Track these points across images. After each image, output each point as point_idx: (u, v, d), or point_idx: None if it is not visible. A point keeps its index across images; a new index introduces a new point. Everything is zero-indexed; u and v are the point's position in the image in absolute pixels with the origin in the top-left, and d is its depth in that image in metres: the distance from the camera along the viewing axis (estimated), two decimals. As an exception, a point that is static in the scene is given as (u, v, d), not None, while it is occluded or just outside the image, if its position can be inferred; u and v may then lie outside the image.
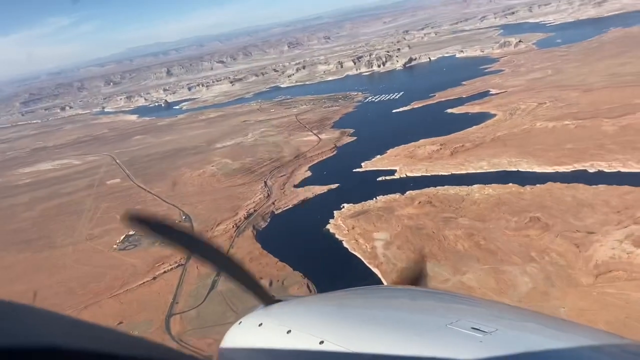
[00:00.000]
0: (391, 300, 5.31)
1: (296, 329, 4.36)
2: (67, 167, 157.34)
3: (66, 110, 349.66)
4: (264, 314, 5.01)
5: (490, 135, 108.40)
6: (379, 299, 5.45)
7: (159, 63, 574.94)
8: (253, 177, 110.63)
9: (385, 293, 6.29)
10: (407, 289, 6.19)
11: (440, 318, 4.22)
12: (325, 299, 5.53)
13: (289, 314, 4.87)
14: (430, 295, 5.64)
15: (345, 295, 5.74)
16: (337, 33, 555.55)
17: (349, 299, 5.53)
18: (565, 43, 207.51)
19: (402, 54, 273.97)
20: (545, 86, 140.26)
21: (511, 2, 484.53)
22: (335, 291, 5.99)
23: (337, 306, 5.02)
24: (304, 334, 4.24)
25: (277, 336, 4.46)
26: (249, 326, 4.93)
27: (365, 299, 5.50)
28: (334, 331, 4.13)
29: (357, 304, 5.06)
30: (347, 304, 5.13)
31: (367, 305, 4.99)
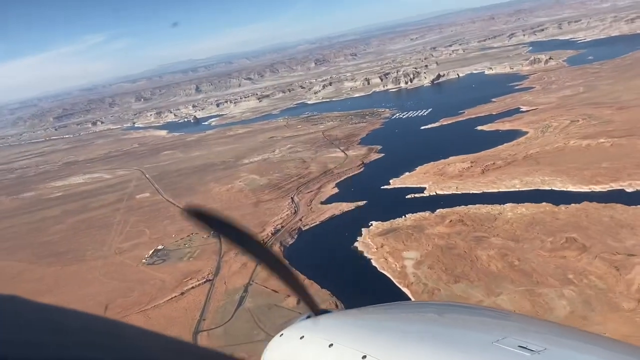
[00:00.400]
0: (435, 316, 5.17)
1: (338, 342, 4.27)
2: (98, 181, 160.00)
3: (97, 125, 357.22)
4: (305, 327, 4.97)
5: (522, 153, 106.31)
6: (422, 314, 5.33)
7: (189, 80, 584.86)
8: (280, 193, 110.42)
9: (429, 308, 6.14)
10: (450, 304, 6.73)
11: (485, 335, 4.11)
12: (367, 312, 5.45)
13: (331, 327, 4.78)
14: (475, 312, 5.52)
15: (388, 309, 5.69)
16: (363, 50, 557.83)
17: (392, 313, 5.48)
18: (597, 60, 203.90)
19: (430, 70, 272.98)
20: (578, 103, 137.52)
21: (539, 19, 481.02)
22: (378, 305, 5.95)
23: (379, 320, 4.97)
24: (347, 348, 4.14)
25: (319, 349, 4.38)
26: (290, 338, 4.88)
27: (408, 313, 5.38)
28: (376, 346, 4.04)
29: (400, 319, 5.00)
30: (390, 318, 5.11)
31: (410, 320, 4.90)
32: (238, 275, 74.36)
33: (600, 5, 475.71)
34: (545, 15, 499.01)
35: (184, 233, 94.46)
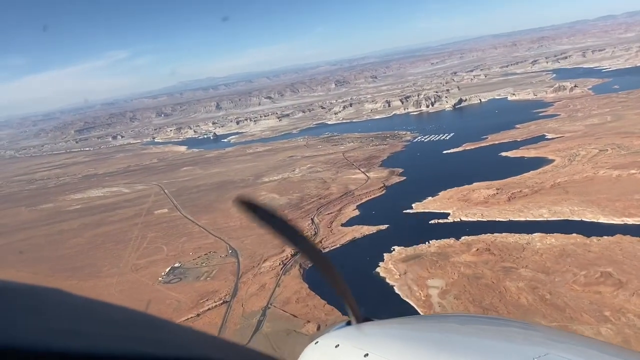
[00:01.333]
0: (475, 329, 5.02)
1: (374, 352, 4.15)
2: (117, 195, 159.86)
3: (118, 139, 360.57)
4: (341, 335, 4.82)
5: (550, 181, 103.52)
6: (462, 327, 5.16)
7: (209, 97, 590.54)
8: (300, 213, 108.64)
9: (470, 321, 5.92)
10: (491, 317, 5.81)
11: (526, 350, 4.04)
12: (404, 323, 5.35)
13: (367, 337, 4.61)
14: (516, 326, 5.27)
15: (427, 320, 5.67)
16: (383, 73, 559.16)
17: (432, 324, 5.41)
18: (623, 89, 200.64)
19: (452, 94, 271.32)
20: (606, 132, 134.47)
21: (562, 47, 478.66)
22: (416, 316, 6.21)
23: (417, 332, 4.80)
24: (383, 359, 4.05)
25: (354, 359, 4.26)
26: (325, 347, 4.72)
27: (447, 325, 5.30)
28: (414, 357, 3.96)
29: (440, 330, 4.88)
30: (428, 330, 4.96)
31: (449, 332, 4.78)
32: (256, 297, 72.42)
33: (624, 35, 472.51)
34: (568, 43, 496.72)
35: (202, 251, 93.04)
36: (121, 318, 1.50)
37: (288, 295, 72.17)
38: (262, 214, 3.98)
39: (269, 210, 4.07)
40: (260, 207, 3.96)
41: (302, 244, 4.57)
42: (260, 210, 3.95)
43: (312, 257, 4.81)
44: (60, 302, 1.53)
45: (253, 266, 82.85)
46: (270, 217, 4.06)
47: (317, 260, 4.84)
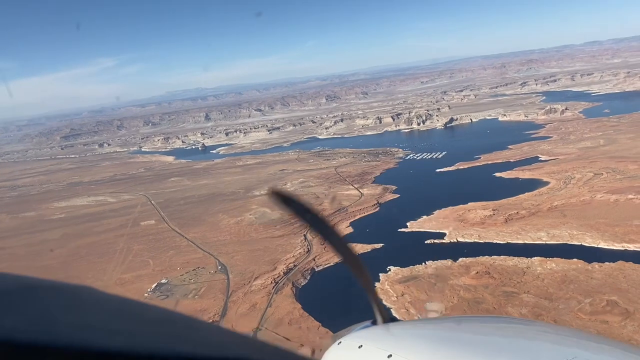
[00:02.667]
0: (500, 330, 4.91)
1: (397, 353, 4.11)
2: (102, 204, 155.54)
3: (104, 147, 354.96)
4: (364, 335, 4.76)
5: (546, 204, 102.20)
6: (487, 328, 5.02)
7: (198, 107, 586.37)
8: (292, 229, 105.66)
9: (494, 322, 5.79)
10: (518, 319, 5.81)
11: (553, 352, 4.01)
12: (429, 324, 5.30)
13: (390, 338, 4.58)
14: (541, 328, 5.25)
15: (452, 321, 5.62)
16: (374, 89, 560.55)
17: (456, 325, 5.32)
18: (614, 113, 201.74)
19: (442, 113, 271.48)
20: (600, 156, 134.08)
21: (551, 70, 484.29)
22: (440, 317, 7.51)
23: (442, 332, 4.70)
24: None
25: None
26: (348, 347, 4.69)
27: (472, 327, 5.16)
28: (437, 359, 3.94)
29: (465, 332, 4.76)
30: (454, 330, 4.89)
31: (474, 334, 4.66)
32: (246, 318, 69.40)
33: (611, 61, 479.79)
34: (556, 67, 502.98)
35: (190, 266, 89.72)
36: (155, 317, 1.48)
37: (280, 316, 69.31)
38: (295, 206, 3.97)
39: (301, 203, 4.03)
40: (293, 199, 3.93)
41: (332, 238, 4.48)
42: (292, 203, 3.94)
43: (342, 252, 4.62)
44: (95, 299, 1.52)
45: (243, 284, 79.79)
46: (303, 209, 4.05)
47: (346, 256, 4.67)
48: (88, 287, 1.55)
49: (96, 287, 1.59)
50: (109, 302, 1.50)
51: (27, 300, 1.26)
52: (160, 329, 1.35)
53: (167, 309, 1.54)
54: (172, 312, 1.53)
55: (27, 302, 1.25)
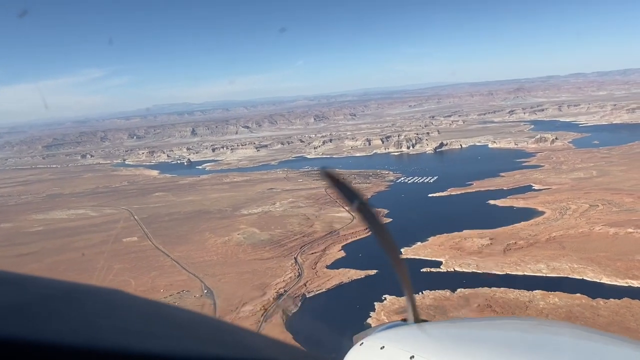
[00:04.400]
0: (528, 333, 4.59)
1: (420, 355, 3.99)
2: (82, 218, 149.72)
3: (87, 158, 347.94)
4: (387, 336, 4.62)
5: (544, 234, 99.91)
6: (516, 330, 4.79)
7: (184, 122, 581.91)
8: (282, 251, 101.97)
9: (524, 324, 5.28)
10: (551, 322, 5.14)
11: (581, 356, 3.88)
12: (455, 324, 5.11)
13: (413, 338, 4.42)
14: (573, 330, 4.82)
15: (479, 323, 5.27)
16: (362, 111, 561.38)
17: (483, 327, 4.96)
18: (603, 145, 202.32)
19: (432, 137, 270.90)
20: (593, 187, 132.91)
21: (538, 99, 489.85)
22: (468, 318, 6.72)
23: (468, 335, 4.57)
24: None
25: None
26: (370, 348, 4.53)
27: (499, 328, 4.87)
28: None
29: (490, 335, 4.48)
30: (480, 333, 4.61)
31: (500, 337, 4.44)
32: (235, 346, 64.91)
33: (596, 93, 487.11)
34: (543, 96, 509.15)
35: (174, 289, 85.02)
36: (187, 320, 1.47)
37: (271, 345, 65.00)
38: (343, 189, 3.99)
39: (350, 187, 4.05)
40: (342, 182, 3.96)
41: (376, 227, 4.48)
42: (341, 185, 3.96)
43: (384, 244, 4.58)
44: (128, 303, 1.54)
45: (231, 310, 75.40)
46: (351, 193, 4.04)
47: (389, 249, 4.67)
48: (119, 291, 1.58)
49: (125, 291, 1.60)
50: (140, 305, 1.52)
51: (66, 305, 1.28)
52: (191, 332, 1.35)
53: (196, 312, 1.55)
54: (202, 315, 1.55)
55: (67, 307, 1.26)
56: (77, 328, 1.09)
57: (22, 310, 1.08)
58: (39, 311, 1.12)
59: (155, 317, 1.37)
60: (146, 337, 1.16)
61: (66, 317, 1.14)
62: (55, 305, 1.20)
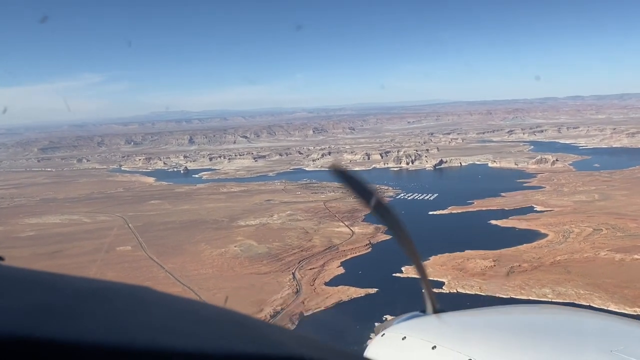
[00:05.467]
0: (548, 320, 4.83)
1: (442, 344, 4.07)
2: (76, 224, 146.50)
3: (83, 162, 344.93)
4: (408, 327, 4.74)
5: (548, 257, 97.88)
6: (534, 318, 5.03)
7: (182, 130, 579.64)
8: (280, 265, 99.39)
9: (542, 311, 5.77)
10: (564, 308, 5.37)
11: (603, 343, 3.96)
12: (474, 314, 5.25)
13: (434, 329, 4.57)
14: (591, 317, 5.09)
15: (499, 311, 5.61)
16: (360, 125, 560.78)
17: (501, 316, 5.21)
18: (604, 168, 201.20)
19: (431, 154, 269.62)
20: (596, 211, 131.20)
21: (537, 120, 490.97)
22: (486, 307, 5.96)
23: (488, 323, 4.68)
24: (451, 351, 3.98)
25: (421, 351, 4.21)
26: (392, 339, 4.70)
27: (519, 316, 5.14)
28: (484, 349, 3.88)
29: (511, 321, 4.72)
30: (499, 321, 4.80)
31: (521, 324, 4.68)
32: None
33: (595, 116, 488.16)
34: (542, 118, 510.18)
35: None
36: (216, 316, 1.51)
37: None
38: (355, 185, 3.95)
39: (362, 182, 4.01)
40: (353, 178, 3.93)
41: (390, 221, 4.43)
42: (352, 181, 3.92)
43: (398, 236, 4.55)
44: (156, 300, 1.56)
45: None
46: (363, 189, 4.02)
47: (403, 241, 4.65)
48: (148, 288, 1.63)
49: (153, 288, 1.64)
50: (169, 302, 1.57)
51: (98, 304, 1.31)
52: (221, 329, 1.39)
53: (223, 307, 1.61)
54: (229, 311, 1.60)
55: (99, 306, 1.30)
56: (110, 327, 1.12)
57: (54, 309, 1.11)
58: (71, 310, 1.15)
59: (185, 314, 1.43)
60: (178, 334, 1.19)
61: (98, 316, 1.19)
62: (86, 304, 1.25)
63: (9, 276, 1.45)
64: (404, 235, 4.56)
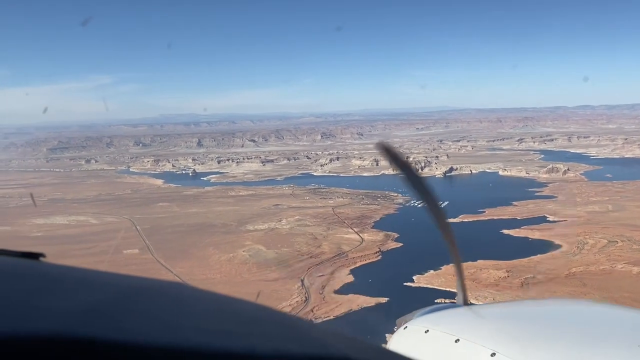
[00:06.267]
0: (574, 314, 4.72)
1: (465, 338, 4.01)
2: (83, 225, 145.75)
3: (91, 163, 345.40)
4: (431, 320, 4.68)
5: (563, 269, 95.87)
6: (560, 312, 4.91)
7: (190, 133, 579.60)
8: (288, 272, 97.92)
9: (568, 306, 5.61)
10: (591, 302, 5.46)
11: (629, 337, 3.90)
12: (498, 308, 5.11)
13: (457, 322, 4.51)
14: (621, 311, 4.96)
15: (522, 305, 5.42)
16: (369, 131, 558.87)
17: (527, 308, 5.16)
18: (616, 179, 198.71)
19: (441, 161, 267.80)
20: (610, 222, 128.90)
21: (547, 129, 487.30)
22: (511, 301, 6.54)
23: (512, 316, 4.65)
24: (474, 345, 3.90)
25: (444, 345, 4.16)
26: (414, 332, 4.64)
27: (544, 310, 5.06)
28: (508, 343, 3.79)
29: (536, 315, 4.67)
30: (524, 314, 4.76)
31: (547, 318, 4.59)
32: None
33: (606, 126, 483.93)
34: (552, 127, 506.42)
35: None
36: (255, 314, 1.47)
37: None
38: (401, 165, 4.09)
39: (408, 163, 4.20)
40: (400, 158, 4.08)
41: (431, 205, 4.47)
42: (399, 161, 4.06)
43: (437, 219, 4.57)
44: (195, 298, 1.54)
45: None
46: (407, 169, 4.16)
47: (441, 224, 4.63)
48: (185, 285, 1.61)
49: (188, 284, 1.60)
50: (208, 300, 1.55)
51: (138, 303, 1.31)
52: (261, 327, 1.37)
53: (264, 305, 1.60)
54: (270, 309, 1.59)
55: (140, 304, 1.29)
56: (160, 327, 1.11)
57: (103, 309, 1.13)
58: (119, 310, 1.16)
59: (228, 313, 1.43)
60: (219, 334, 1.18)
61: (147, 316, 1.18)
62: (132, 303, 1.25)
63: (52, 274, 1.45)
64: (441, 216, 4.52)
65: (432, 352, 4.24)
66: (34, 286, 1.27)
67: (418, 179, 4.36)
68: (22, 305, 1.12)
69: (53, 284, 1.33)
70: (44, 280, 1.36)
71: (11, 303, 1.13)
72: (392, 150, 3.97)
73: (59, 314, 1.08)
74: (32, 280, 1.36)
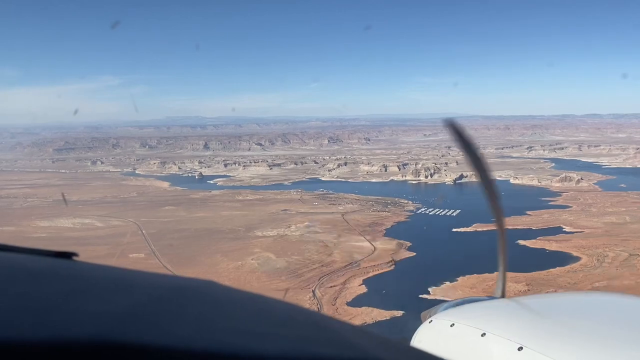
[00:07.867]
0: (605, 308, 4.53)
1: (492, 332, 3.90)
2: (88, 229, 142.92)
3: (97, 164, 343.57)
4: (456, 314, 4.59)
5: (585, 283, 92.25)
6: (591, 306, 4.75)
7: (197, 135, 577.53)
8: (299, 282, 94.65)
9: (599, 299, 5.47)
10: (622, 296, 4.99)
11: None
12: (525, 301, 4.92)
13: (483, 315, 4.43)
14: None
15: (551, 299, 5.25)
16: (376, 136, 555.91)
17: (556, 303, 5.01)
18: (631, 189, 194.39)
19: (450, 168, 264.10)
20: (629, 234, 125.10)
21: (556, 137, 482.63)
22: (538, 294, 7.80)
23: (540, 310, 4.47)
24: (501, 339, 3.81)
25: (470, 339, 4.05)
26: (440, 326, 4.55)
27: (575, 304, 4.88)
28: (536, 337, 3.70)
29: (564, 309, 4.49)
30: (553, 308, 4.61)
31: (578, 311, 4.45)
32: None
33: (616, 135, 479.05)
34: (561, 135, 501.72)
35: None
36: (289, 315, 1.46)
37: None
38: (465, 144, 4.15)
39: (473, 143, 4.20)
40: (465, 137, 4.11)
41: (488, 189, 4.53)
42: (464, 140, 4.11)
43: (491, 202, 4.55)
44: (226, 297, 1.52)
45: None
46: (471, 149, 4.20)
47: (495, 209, 4.58)
48: (215, 283, 1.57)
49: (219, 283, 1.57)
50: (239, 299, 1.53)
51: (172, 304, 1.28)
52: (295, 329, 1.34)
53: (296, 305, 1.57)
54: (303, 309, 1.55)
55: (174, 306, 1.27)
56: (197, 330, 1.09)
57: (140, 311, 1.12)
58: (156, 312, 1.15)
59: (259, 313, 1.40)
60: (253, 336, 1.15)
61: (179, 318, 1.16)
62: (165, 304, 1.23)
63: (87, 274, 1.45)
64: (495, 200, 4.53)
65: (458, 346, 4.13)
66: (70, 287, 1.28)
67: (480, 161, 4.32)
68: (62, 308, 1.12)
69: (89, 285, 1.33)
70: (80, 280, 1.36)
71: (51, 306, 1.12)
72: (459, 128, 3.95)
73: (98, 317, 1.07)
74: (69, 281, 1.36)
